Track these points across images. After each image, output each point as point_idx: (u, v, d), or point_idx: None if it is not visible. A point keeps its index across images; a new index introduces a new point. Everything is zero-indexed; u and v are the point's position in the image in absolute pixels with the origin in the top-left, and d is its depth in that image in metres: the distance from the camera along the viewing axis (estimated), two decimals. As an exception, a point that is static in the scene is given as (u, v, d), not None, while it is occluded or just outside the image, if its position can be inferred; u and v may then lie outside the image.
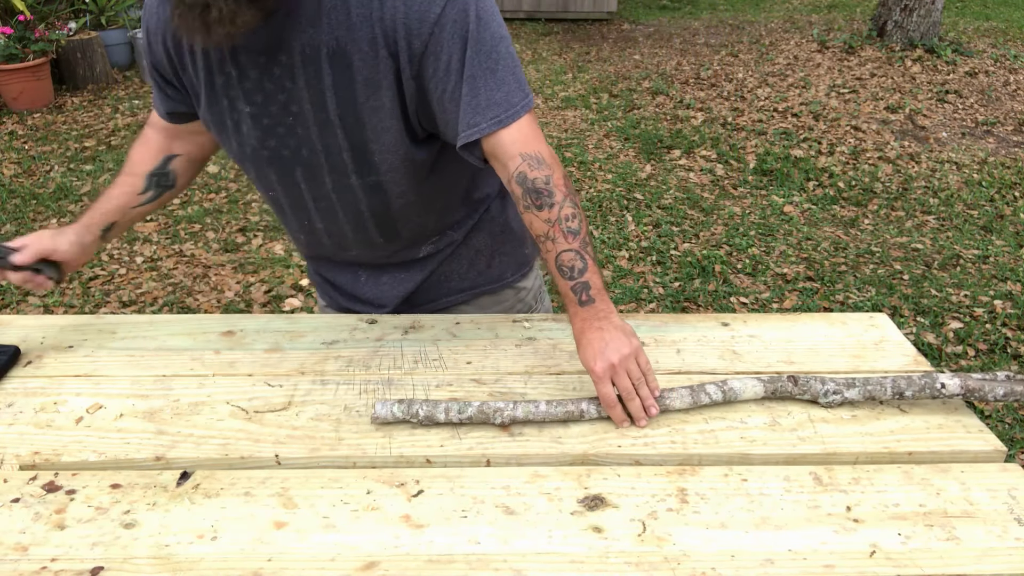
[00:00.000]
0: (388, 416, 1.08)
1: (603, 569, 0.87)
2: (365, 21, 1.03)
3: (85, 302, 3.13)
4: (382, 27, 1.03)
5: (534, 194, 1.09)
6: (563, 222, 1.09)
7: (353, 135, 1.12)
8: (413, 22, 1.03)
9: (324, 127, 1.12)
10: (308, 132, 1.13)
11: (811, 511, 0.95)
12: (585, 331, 1.10)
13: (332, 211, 1.23)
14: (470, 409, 1.08)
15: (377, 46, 1.04)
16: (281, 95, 1.10)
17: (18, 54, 5.08)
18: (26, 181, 4.22)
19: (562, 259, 1.09)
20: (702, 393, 1.12)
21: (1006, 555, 0.89)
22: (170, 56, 1.15)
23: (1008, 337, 2.93)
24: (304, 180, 1.19)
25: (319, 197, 1.21)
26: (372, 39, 1.04)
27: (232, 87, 1.12)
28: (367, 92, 1.08)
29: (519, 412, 1.08)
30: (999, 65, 6.36)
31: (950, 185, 4.30)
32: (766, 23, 8.01)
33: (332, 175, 1.17)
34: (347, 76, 1.07)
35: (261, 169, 1.20)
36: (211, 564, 0.87)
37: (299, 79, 1.08)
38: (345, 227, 1.26)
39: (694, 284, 3.28)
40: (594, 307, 1.10)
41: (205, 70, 1.12)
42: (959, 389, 1.11)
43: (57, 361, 1.24)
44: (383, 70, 1.06)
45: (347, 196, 1.20)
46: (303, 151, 1.15)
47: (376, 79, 1.07)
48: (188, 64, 1.14)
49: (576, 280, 1.09)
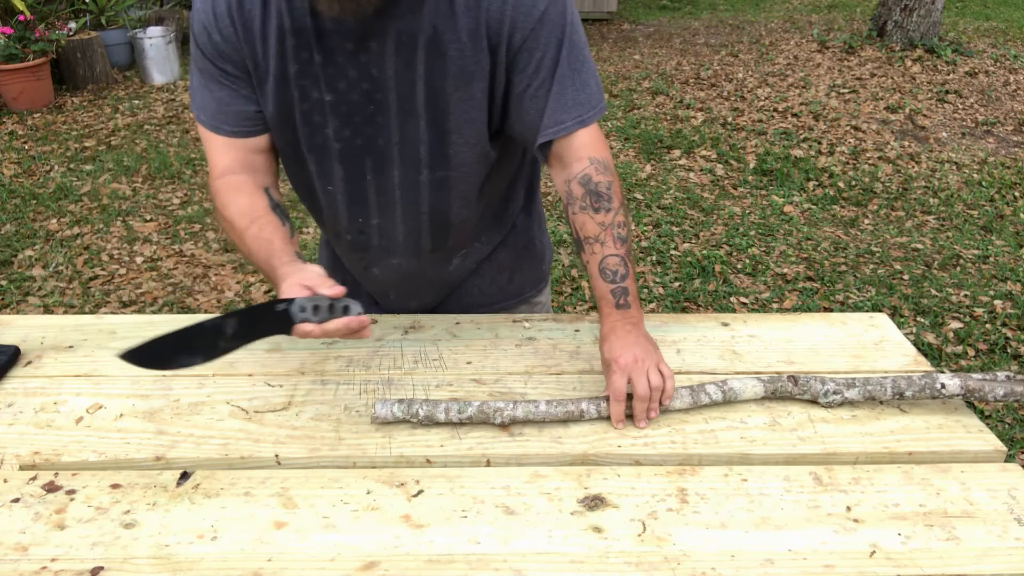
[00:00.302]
0: (388, 416, 1.08)
1: (603, 569, 0.87)
2: (469, 11, 1.03)
3: (85, 302, 3.13)
4: (487, 17, 1.03)
5: (595, 196, 1.11)
6: (615, 228, 1.12)
7: (435, 126, 1.11)
8: (519, 15, 1.03)
9: (407, 117, 1.10)
10: (388, 122, 1.11)
11: (811, 511, 0.95)
12: (616, 329, 1.11)
13: (391, 208, 1.20)
14: (470, 409, 1.08)
15: (478, 36, 1.04)
16: (365, 83, 1.07)
17: (18, 54, 5.08)
18: (26, 181, 4.22)
19: (607, 263, 1.12)
20: (702, 393, 1.12)
21: (1006, 555, 0.89)
22: (239, 43, 1.07)
23: (1008, 337, 2.93)
24: (371, 172, 1.16)
25: (382, 191, 1.18)
26: (473, 29, 1.04)
27: (308, 75, 1.07)
28: (458, 83, 1.07)
29: (519, 412, 1.08)
30: (999, 65, 6.36)
31: (950, 185, 4.30)
32: (766, 23, 8.01)
33: (402, 169, 1.16)
34: (440, 66, 1.06)
35: (326, 162, 1.16)
36: (211, 564, 0.87)
37: (388, 67, 1.06)
38: (399, 227, 1.23)
39: (694, 284, 3.28)
40: (628, 312, 1.12)
41: (278, 57, 1.07)
42: (959, 389, 1.11)
43: (57, 361, 1.24)
44: (480, 61, 1.06)
45: (411, 194, 1.19)
46: (378, 141, 1.13)
47: (469, 70, 1.06)
48: (258, 51, 1.07)
49: (617, 284, 1.12)
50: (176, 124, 5.09)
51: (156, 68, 5.82)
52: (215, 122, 1.14)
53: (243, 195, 1.14)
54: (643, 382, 1.06)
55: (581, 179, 1.12)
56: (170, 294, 3.20)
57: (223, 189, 1.15)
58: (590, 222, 1.12)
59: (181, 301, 3.15)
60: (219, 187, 1.15)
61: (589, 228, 1.13)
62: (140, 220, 3.83)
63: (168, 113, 5.26)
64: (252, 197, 1.14)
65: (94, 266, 3.41)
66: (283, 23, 1.04)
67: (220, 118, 1.14)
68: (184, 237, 3.67)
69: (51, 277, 3.31)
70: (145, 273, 3.36)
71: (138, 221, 3.82)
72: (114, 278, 3.32)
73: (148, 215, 3.88)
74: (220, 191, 1.15)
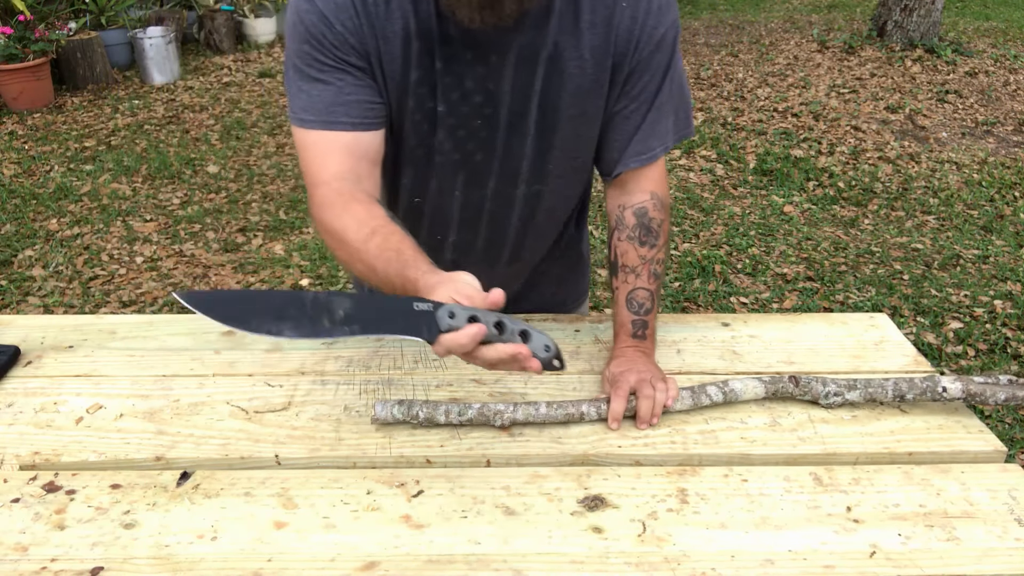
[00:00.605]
0: (388, 417, 1.08)
1: (603, 569, 0.87)
2: (595, 28, 1.00)
3: (85, 302, 3.13)
4: (616, 36, 1.00)
5: (644, 230, 1.13)
6: (654, 263, 1.15)
7: (542, 142, 1.08)
8: (644, 36, 1.02)
9: (515, 132, 1.06)
10: (494, 136, 1.06)
11: (811, 511, 0.95)
12: (625, 352, 1.15)
13: (476, 223, 1.17)
14: (470, 411, 1.08)
15: (603, 54, 1.01)
16: (478, 96, 1.03)
17: (18, 54, 5.08)
18: (26, 181, 4.22)
19: (637, 294, 1.14)
20: (703, 395, 1.12)
21: (1006, 555, 0.89)
22: (362, 35, 0.99)
23: (1008, 337, 2.93)
24: (463, 186, 1.12)
25: (467, 206, 1.14)
26: (598, 46, 1.01)
27: (426, 82, 1.02)
28: (573, 100, 1.05)
29: (519, 415, 1.08)
30: (999, 65, 6.36)
31: (950, 185, 4.30)
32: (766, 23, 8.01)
33: (498, 182, 1.12)
34: (557, 82, 1.02)
35: (423, 173, 1.11)
36: (211, 564, 0.87)
37: (505, 82, 1.01)
38: (480, 240, 1.20)
39: (694, 284, 3.28)
40: (643, 343, 1.15)
41: (401, 61, 1.00)
42: (961, 393, 1.11)
43: (57, 361, 1.24)
44: (600, 79, 1.03)
45: (503, 208, 1.15)
46: (478, 155, 1.08)
47: (587, 88, 1.04)
48: (381, 50, 1.00)
49: (639, 316, 1.15)
50: (176, 124, 5.09)
51: (156, 68, 5.82)
52: (329, 117, 1.01)
53: (357, 203, 0.99)
54: (648, 388, 1.08)
55: (637, 210, 1.14)
56: (170, 294, 3.20)
57: (331, 197, 1.00)
58: (633, 253, 1.14)
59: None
60: (326, 194, 1.01)
61: (630, 258, 1.15)
62: (140, 220, 3.83)
63: (168, 113, 5.26)
64: (368, 205, 0.99)
65: (94, 266, 3.41)
66: (408, 25, 0.98)
67: (338, 111, 1.01)
68: (184, 237, 3.67)
69: (51, 277, 3.30)
70: (145, 273, 3.36)
71: (138, 221, 3.82)
72: (114, 278, 3.32)
73: (148, 215, 3.88)
74: (328, 199, 1.00)
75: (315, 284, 3.26)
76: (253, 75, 6.07)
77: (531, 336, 0.82)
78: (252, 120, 5.15)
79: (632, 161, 1.12)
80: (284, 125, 5.08)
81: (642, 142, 1.11)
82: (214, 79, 5.96)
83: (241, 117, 5.19)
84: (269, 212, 3.91)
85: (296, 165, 4.45)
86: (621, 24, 1.00)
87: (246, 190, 4.15)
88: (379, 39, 0.99)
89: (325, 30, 0.98)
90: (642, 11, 1.01)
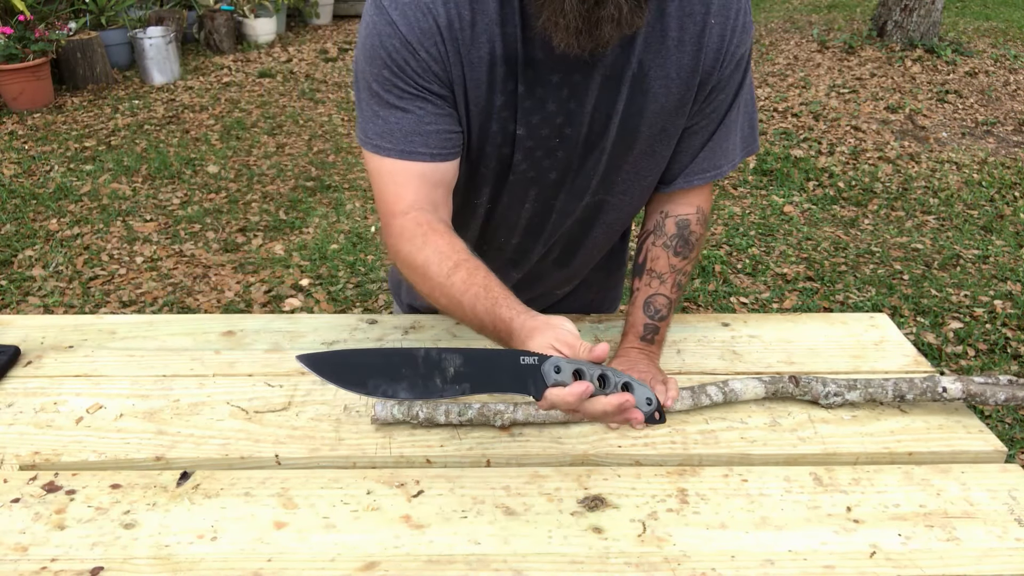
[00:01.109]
0: (388, 417, 1.08)
1: (603, 569, 0.87)
2: (683, 46, 0.97)
3: (85, 302, 3.13)
4: (704, 54, 0.98)
5: (682, 241, 1.14)
6: (680, 274, 1.15)
7: (616, 159, 1.06)
8: (728, 54, 0.99)
9: (591, 151, 1.04)
10: (570, 156, 1.05)
11: (811, 511, 0.95)
12: (629, 352, 1.15)
13: (540, 229, 1.16)
14: (470, 411, 1.08)
15: (691, 72, 0.99)
16: (559, 117, 1.00)
17: (18, 54, 5.08)
18: (26, 181, 4.22)
19: (656, 300, 1.15)
20: (703, 395, 1.12)
21: (1006, 555, 0.89)
22: (446, 63, 0.95)
23: (1008, 337, 2.93)
24: (533, 200, 1.10)
25: (537, 214, 1.13)
26: (685, 65, 0.98)
27: (509, 106, 0.99)
28: (654, 119, 1.02)
29: (519, 415, 1.08)
30: (999, 65, 6.36)
31: (950, 185, 4.30)
32: (766, 23, 8.01)
33: (567, 195, 1.10)
34: (640, 102, 1.00)
35: (497, 189, 1.09)
36: (211, 564, 0.87)
37: (588, 103, 0.99)
38: (538, 247, 1.19)
39: (694, 284, 3.28)
40: (649, 347, 1.16)
41: (486, 86, 0.97)
42: (961, 393, 1.11)
43: (57, 361, 1.24)
44: (684, 97, 1.01)
45: (565, 218, 1.14)
46: (552, 174, 1.06)
47: (670, 107, 1.01)
48: (465, 76, 0.96)
49: (652, 320, 1.15)
50: (176, 124, 5.09)
51: (156, 68, 5.82)
52: (407, 147, 0.98)
53: (438, 235, 0.97)
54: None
55: (680, 221, 1.14)
56: (170, 294, 3.20)
57: (410, 228, 0.97)
58: (664, 260, 1.15)
59: (181, 301, 3.15)
60: (404, 226, 0.98)
61: (660, 264, 1.15)
62: (140, 220, 3.83)
63: (168, 113, 5.26)
64: (450, 238, 0.97)
65: (94, 266, 3.41)
66: (494, 49, 0.95)
67: (416, 141, 0.98)
68: (184, 237, 3.67)
69: (51, 277, 3.31)
70: (145, 273, 3.36)
71: (138, 221, 3.82)
72: (114, 278, 3.32)
73: (148, 215, 3.88)
74: (407, 231, 0.98)
75: (315, 284, 3.26)
76: (253, 75, 6.07)
77: (634, 388, 0.81)
78: (252, 120, 5.16)
79: (697, 178, 1.10)
80: (284, 125, 5.09)
81: (709, 159, 1.09)
82: (214, 79, 5.96)
83: (241, 117, 5.19)
84: (269, 212, 3.91)
85: (295, 166, 4.45)
86: (710, 43, 0.98)
87: (246, 190, 4.15)
88: (464, 65, 0.96)
89: (409, 57, 0.94)
90: (729, 29, 0.98)
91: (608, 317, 1.40)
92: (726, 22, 0.98)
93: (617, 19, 0.85)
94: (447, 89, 0.97)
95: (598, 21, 0.85)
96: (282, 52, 6.71)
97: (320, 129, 5.05)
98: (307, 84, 5.92)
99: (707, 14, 0.96)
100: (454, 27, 0.93)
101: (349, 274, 3.33)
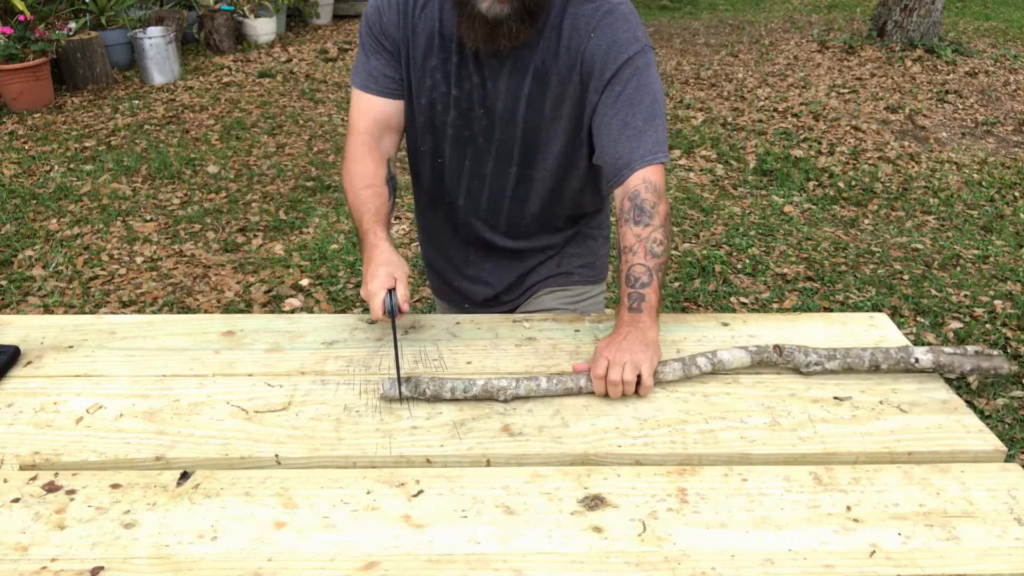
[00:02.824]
0: (396, 395, 1.12)
1: (603, 569, 0.87)
2: (571, 52, 1.27)
3: (85, 302, 3.13)
4: (582, 58, 1.27)
5: (638, 211, 1.24)
6: (649, 242, 1.23)
7: (528, 135, 1.36)
8: (609, 60, 1.26)
9: (508, 124, 1.35)
10: (492, 124, 1.35)
11: (811, 511, 0.95)
12: (619, 329, 1.19)
13: (479, 193, 1.44)
14: (475, 387, 1.12)
15: (573, 72, 1.29)
16: (481, 90, 1.33)
17: (18, 54, 5.08)
18: (26, 181, 4.22)
19: (633, 271, 1.22)
20: (692, 366, 1.17)
21: (1006, 555, 0.89)
22: (398, 29, 1.34)
23: (1008, 337, 2.93)
24: (471, 159, 1.41)
25: (475, 175, 1.42)
26: (572, 66, 1.28)
27: (442, 69, 1.33)
28: (553, 105, 1.32)
29: (521, 389, 1.12)
30: (999, 65, 6.36)
31: (950, 185, 4.30)
32: (766, 23, 8.01)
33: (496, 161, 1.40)
34: (541, 90, 1.31)
35: (440, 142, 1.41)
36: (211, 564, 0.87)
37: (501, 83, 1.31)
38: (481, 211, 1.46)
39: (694, 284, 3.28)
40: (639, 316, 1.19)
41: (425, 48, 1.32)
42: (931, 364, 1.18)
43: (57, 361, 1.24)
44: (572, 91, 1.30)
45: (499, 182, 1.42)
46: (480, 138, 1.38)
47: (563, 95, 1.31)
48: (410, 40, 1.33)
49: (635, 289, 1.21)
50: (176, 124, 5.09)
51: (156, 68, 5.82)
52: (366, 82, 1.39)
53: (371, 160, 1.39)
54: (614, 377, 1.12)
55: (631, 195, 1.26)
56: (170, 294, 3.20)
57: (358, 145, 1.40)
58: (629, 233, 1.24)
59: (181, 301, 3.15)
60: (355, 143, 1.40)
61: (627, 239, 1.24)
62: (140, 220, 3.83)
63: (168, 113, 5.26)
64: (377, 165, 1.39)
65: (94, 266, 3.41)
66: (434, 26, 1.31)
67: (371, 80, 1.38)
68: (184, 237, 3.67)
69: (51, 277, 3.30)
70: (145, 273, 3.36)
71: (138, 221, 3.82)
72: (114, 278, 3.32)
73: (148, 215, 3.88)
74: (355, 146, 1.40)
75: (315, 284, 3.26)
76: (253, 75, 6.07)
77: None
78: (252, 120, 5.15)
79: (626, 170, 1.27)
80: (284, 125, 5.09)
81: (632, 151, 1.27)
82: (214, 79, 5.96)
83: (241, 117, 5.19)
84: (269, 212, 3.91)
85: (295, 166, 4.46)
86: (588, 50, 1.27)
87: (246, 190, 4.15)
88: (411, 33, 1.33)
89: (377, 19, 1.36)
90: (606, 42, 1.26)
91: (608, 317, 1.40)
92: (602, 36, 1.26)
93: (509, 35, 1.23)
94: (394, 47, 1.36)
95: (496, 36, 1.23)
96: (282, 52, 6.71)
97: (320, 129, 5.05)
98: (307, 84, 5.92)
99: (591, 30, 1.26)
100: (409, 6, 1.33)
101: (349, 274, 3.33)
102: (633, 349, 1.14)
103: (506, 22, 1.20)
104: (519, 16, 1.21)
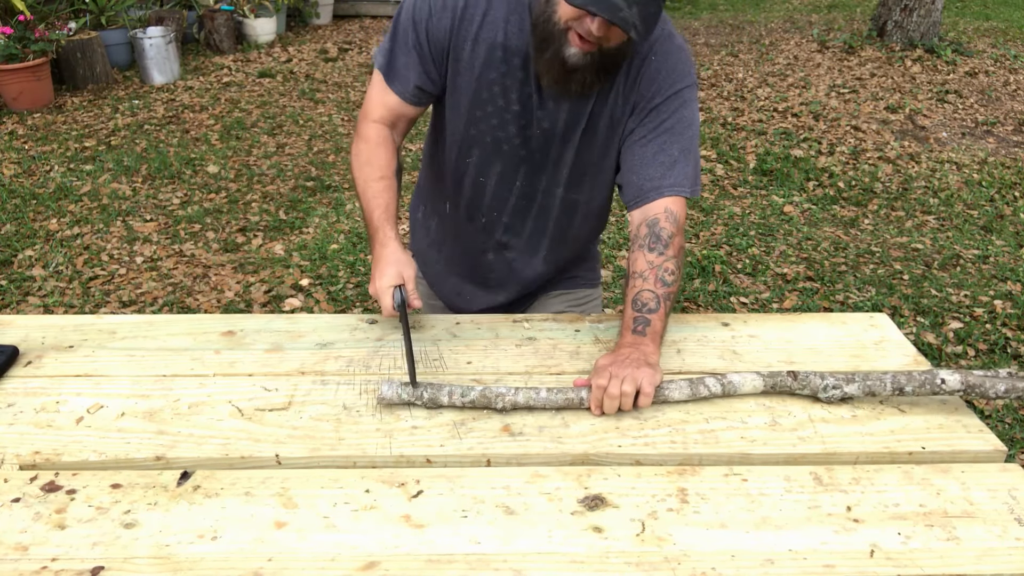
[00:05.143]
0: (394, 398, 1.10)
1: (603, 569, 0.87)
2: (628, 75, 1.26)
3: (85, 302, 3.13)
4: (640, 80, 1.27)
5: (654, 238, 1.25)
6: (661, 271, 1.24)
7: (580, 158, 1.34)
8: (663, 85, 1.27)
9: (565, 144, 1.33)
10: (549, 144, 1.33)
11: (811, 511, 0.95)
12: (621, 348, 1.17)
13: (527, 210, 1.42)
14: (473, 393, 1.10)
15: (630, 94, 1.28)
16: (540, 111, 1.29)
17: (18, 54, 5.07)
18: (26, 181, 4.22)
19: (642, 296, 1.22)
20: (701, 386, 1.13)
21: (1006, 555, 0.89)
22: (448, 35, 1.27)
23: (1008, 337, 2.93)
24: (523, 177, 1.37)
25: (524, 196, 1.39)
26: (628, 89, 1.28)
27: (500, 83, 1.28)
28: (608, 131, 1.32)
29: (520, 398, 1.10)
30: (999, 65, 6.36)
31: (950, 185, 4.30)
32: (766, 23, 8.01)
33: (547, 182, 1.38)
34: (598, 110, 1.29)
35: (489, 157, 1.36)
36: (211, 564, 0.87)
37: (563, 107, 1.28)
38: (527, 225, 1.44)
39: (694, 284, 3.28)
40: (641, 339, 1.18)
41: (482, 60, 1.27)
42: (960, 385, 1.11)
43: (57, 361, 1.24)
44: (624, 109, 1.29)
45: (546, 203, 1.40)
46: (536, 156, 1.35)
47: (616, 116, 1.30)
48: (465, 51, 1.27)
49: (641, 314, 1.21)
50: (176, 124, 5.09)
51: (156, 68, 5.82)
52: (392, 75, 1.33)
53: (384, 149, 1.37)
54: (613, 391, 1.10)
55: (650, 221, 1.26)
56: (170, 294, 3.20)
57: (374, 134, 1.37)
58: (642, 259, 1.24)
59: (181, 301, 3.15)
60: (370, 127, 1.38)
61: (639, 264, 1.25)
62: (140, 220, 3.83)
63: (168, 113, 5.26)
64: (391, 155, 1.38)
65: (94, 266, 3.41)
66: (496, 38, 1.26)
67: (397, 76, 1.33)
68: (184, 237, 3.67)
69: (51, 277, 3.30)
70: (145, 273, 3.36)
71: (138, 221, 3.82)
72: (114, 278, 3.32)
73: (148, 215, 3.88)
74: (370, 130, 1.38)
75: (315, 284, 3.26)
76: (253, 75, 6.07)
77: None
78: (252, 120, 5.15)
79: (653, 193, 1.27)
80: (284, 125, 5.09)
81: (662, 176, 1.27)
82: (214, 79, 5.96)
83: (241, 117, 5.19)
84: (269, 212, 3.91)
85: (295, 166, 4.45)
86: (646, 73, 1.27)
87: (246, 190, 4.15)
88: (468, 42, 1.27)
89: (426, 15, 1.27)
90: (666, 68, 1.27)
91: (608, 317, 1.40)
92: (661, 61, 1.26)
93: (582, 83, 1.22)
94: (438, 53, 1.29)
95: (569, 82, 1.21)
96: (282, 52, 6.71)
97: (320, 129, 5.05)
98: (307, 84, 5.92)
99: (650, 52, 1.26)
100: (468, 12, 1.25)
101: (349, 274, 3.33)
102: (634, 366, 1.13)
103: (582, 71, 1.19)
104: (595, 68, 1.19)
